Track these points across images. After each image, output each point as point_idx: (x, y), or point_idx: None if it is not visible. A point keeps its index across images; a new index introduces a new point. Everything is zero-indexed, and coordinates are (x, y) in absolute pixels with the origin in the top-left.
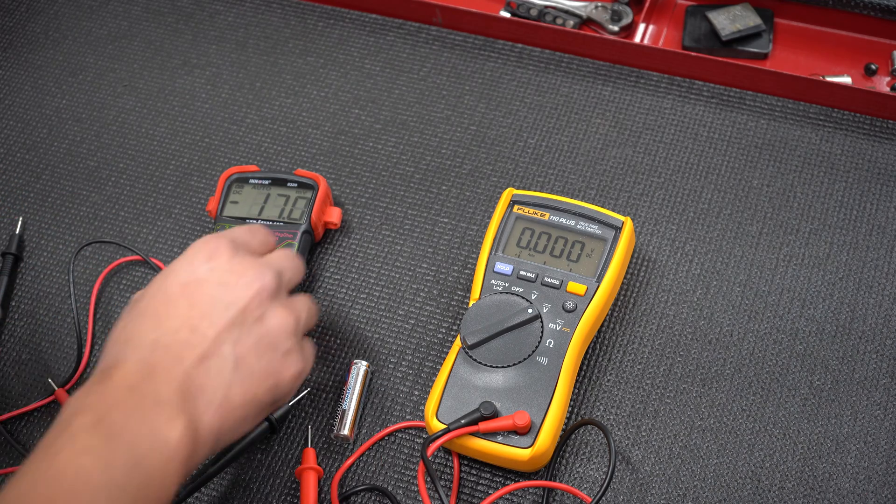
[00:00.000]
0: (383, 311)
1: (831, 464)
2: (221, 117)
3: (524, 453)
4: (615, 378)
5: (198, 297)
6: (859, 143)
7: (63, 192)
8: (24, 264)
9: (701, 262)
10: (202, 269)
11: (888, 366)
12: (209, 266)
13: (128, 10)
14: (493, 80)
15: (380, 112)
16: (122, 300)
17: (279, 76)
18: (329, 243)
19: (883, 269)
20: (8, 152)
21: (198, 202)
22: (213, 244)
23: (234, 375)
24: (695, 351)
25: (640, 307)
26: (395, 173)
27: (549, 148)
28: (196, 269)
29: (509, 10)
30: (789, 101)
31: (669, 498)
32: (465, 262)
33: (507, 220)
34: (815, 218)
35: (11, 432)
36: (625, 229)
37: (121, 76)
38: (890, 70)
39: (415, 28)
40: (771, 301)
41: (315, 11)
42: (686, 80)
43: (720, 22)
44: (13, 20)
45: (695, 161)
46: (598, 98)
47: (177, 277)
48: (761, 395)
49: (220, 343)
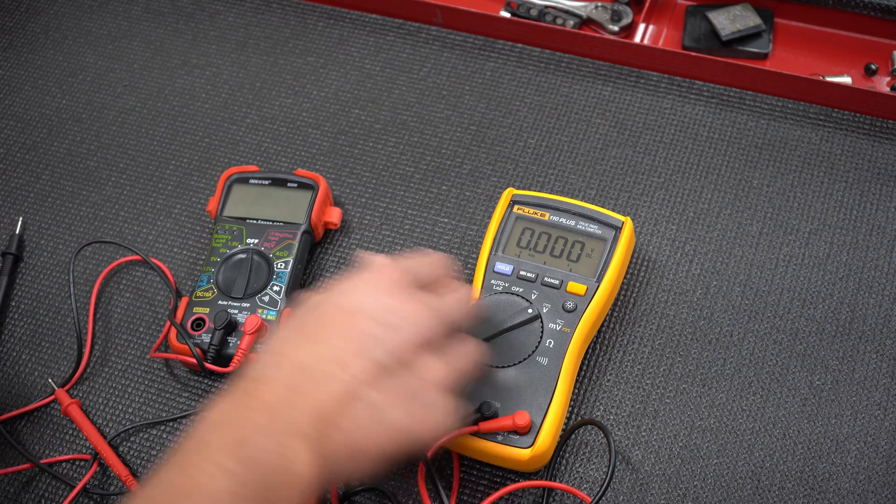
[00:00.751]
0: None
1: (831, 464)
2: (221, 117)
3: (524, 453)
4: (615, 378)
5: (355, 330)
6: (859, 143)
7: (63, 192)
8: (24, 264)
9: (701, 262)
10: (368, 299)
11: (888, 366)
12: (375, 298)
13: (128, 10)
14: (493, 80)
15: (380, 112)
16: (121, 300)
17: (279, 76)
18: (329, 243)
19: (883, 269)
20: (8, 152)
21: (198, 202)
22: (387, 273)
23: (369, 422)
24: (695, 351)
25: (640, 307)
26: (395, 173)
27: (549, 148)
28: (362, 298)
29: (509, 10)
30: (789, 101)
31: (669, 498)
32: (465, 262)
33: (507, 220)
34: (815, 218)
35: (11, 432)
36: (625, 229)
37: (121, 76)
38: (890, 70)
39: (415, 28)
40: (771, 301)
41: (315, 11)
42: (686, 80)
43: (720, 22)
44: (13, 20)
45: (695, 161)
46: (598, 98)
47: (341, 301)
48: (761, 395)
49: (363, 385)
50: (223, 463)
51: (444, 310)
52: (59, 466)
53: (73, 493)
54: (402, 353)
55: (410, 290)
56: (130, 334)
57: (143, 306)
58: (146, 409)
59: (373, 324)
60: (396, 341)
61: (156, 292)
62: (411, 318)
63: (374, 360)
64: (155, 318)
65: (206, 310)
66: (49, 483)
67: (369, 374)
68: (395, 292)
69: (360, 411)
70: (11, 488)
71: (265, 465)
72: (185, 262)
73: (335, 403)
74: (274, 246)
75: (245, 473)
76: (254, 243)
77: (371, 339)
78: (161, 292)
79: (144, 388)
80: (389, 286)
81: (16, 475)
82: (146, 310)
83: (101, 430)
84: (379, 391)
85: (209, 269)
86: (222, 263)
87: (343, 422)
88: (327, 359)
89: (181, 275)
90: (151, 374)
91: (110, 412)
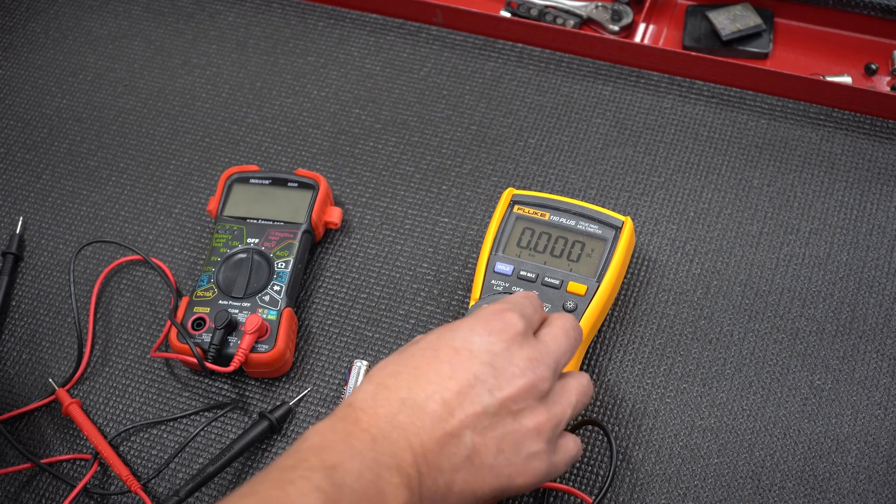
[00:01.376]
0: (383, 311)
1: (831, 464)
2: (221, 117)
3: None
4: (615, 378)
5: (462, 370)
6: (859, 143)
7: (63, 192)
8: (24, 264)
9: (701, 262)
10: (479, 340)
11: (888, 366)
12: (488, 340)
13: (128, 9)
14: (494, 80)
15: (380, 112)
16: (122, 300)
17: (279, 76)
18: (329, 243)
19: (883, 269)
20: (8, 152)
21: (198, 202)
22: (506, 320)
23: (465, 463)
24: (695, 351)
25: (640, 307)
26: (396, 173)
27: (549, 148)
28: (473, 339)
29: (509, 9)
30: (789, 101)
31: (669, 498)
32: (465, 262)
33: (508, 220)
34: (815, 218)
35: (11, 432)
36: (625, 229)
37: (121, 76)
38: (890, 70)
39: (415, 28)
40: (771, 301)
41: (315, 11)
42: (686, 80)
43: (720, 22)
44: (13, 20)
45: (695, 161)
46: (598, 98)
47: (452, 339)
48: (761, 395)
49: (465, 427)
50: (318, 482)
51: (552, 353)
52: (60, 466)
53: (74, 492)
54: (508, 399)
55: (523, 335)
56: (131, 334)
57: (143, 306)
58: (146, 409)
59: (481, 365)
60: (502, 385)
61: (156, 292)
62: (521, 364)
63: (480, 403)
64: (155, 318)
65: (206, 309)
66: (49, 483)
67: (470, 416)
68: (509, 336)
69: (454, 451)
70: (12, 488)
71: (359, 493)
72: (186, 261)
73: (435, 443)
74: (274, 245)
75: (338, 496)
76: (254, 243)
77: (477, 380)
78: (161, 292)
79: (145, 388)
80: (506, 331)
81: (16, 475)
82: (146, 309)
83: (102, 429)
84: (482, 436)
85: (209, 268)
86: (223, 263)
87: (442, 462)
88: (431, 396)
89: (181, 274)
90: (152, 374)
91: (111, 412)
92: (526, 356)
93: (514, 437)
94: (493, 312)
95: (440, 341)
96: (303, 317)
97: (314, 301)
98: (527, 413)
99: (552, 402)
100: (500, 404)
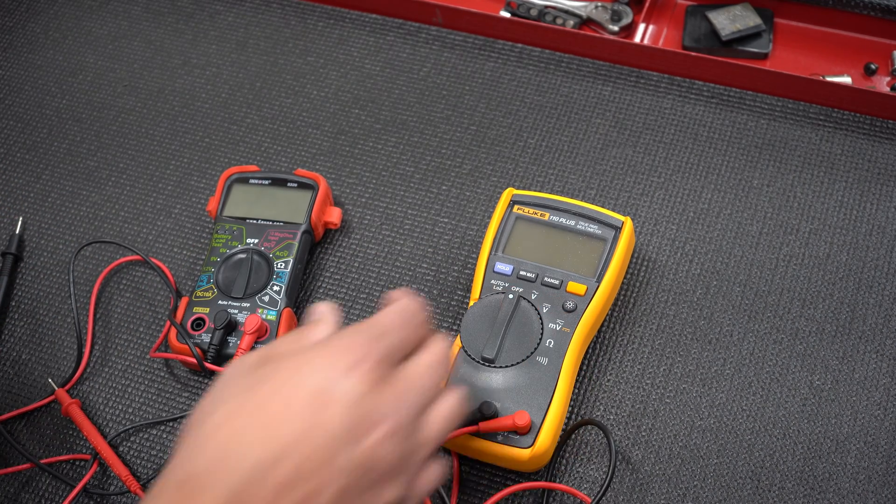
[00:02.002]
0: None
1: (831, 464)
2: (221, 117)
3: (524, 453)
4: (615, 378)
5: (323, 421)
6: (859, 143)
7: (63, 192)
8: (24, 264)
9: (701, 262)
10: (340, 384)
11: (888, 366)
12: (349, 382)
13: (128, 10)
14: (493, 80)
15: (380, 112)
16: (121, 300)
17: (279, 76)
18: (329, 243)
19: (883, 269)
20: (8, 152)
21: (198, 202)
22: (362, 353)
23: None
24: (695, 351)
25: (640, 307)
26: (395, 173)
27: (549, 148)
28: (332, 380)
29: (509, 10)
30: (789, 101)
31: (669, 498)
32: (465, 262)
33: (507, 220)
34: (815, 218)
35: (11, 432)
36: (625, 229)
37: (121, 76)
38: (890, 70)
39: (415, 28)
40: (771, 301)
41: (315, 11)
42: (686, 80)
43: (720, 22)
44: (13, 20)
45: (695, 161)
46: (598, 98)
47: (308, 380)
48: (761, 395)
49: (323, 488)
50: None
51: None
52: (59, 466)
53: (74, 492)
54: (371, 454)
55: (382, 367)
56: (130, 334)
57: (143, 306)
58: (146, 409)
59: (343, 412)
60: (365, 439)
61: (156, 292)
62: (387, 407)
63: (338, 465)
64: (155, 318)
65: (206, 310)
66: (49, 483)
67: (331, 478)
68: (369, 370)
69: None
70: (11, 488)
71: None
72: (185, 261)
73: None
74: (274, 246)
75: None
76: (254, 243)
77: (338, 436)
78: (161, 292)
79: (144, 388)
80: (365, 366)
81: (16, 475)
82: (146, 310)
83: (102, 429)
84: (335, 493)
85: (209, 268)
86: (222, 263)
87: None
88: (285, 456)
89: (181, 275)
90: (151, 374)
91: (110, 412)
92: (390, 393)
93: (371, 478)
94: (354, 346)
95: (293, 381)
96: (302, 317)
97: (314, 301)
98: (382, 453)
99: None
100: (363, 460)
